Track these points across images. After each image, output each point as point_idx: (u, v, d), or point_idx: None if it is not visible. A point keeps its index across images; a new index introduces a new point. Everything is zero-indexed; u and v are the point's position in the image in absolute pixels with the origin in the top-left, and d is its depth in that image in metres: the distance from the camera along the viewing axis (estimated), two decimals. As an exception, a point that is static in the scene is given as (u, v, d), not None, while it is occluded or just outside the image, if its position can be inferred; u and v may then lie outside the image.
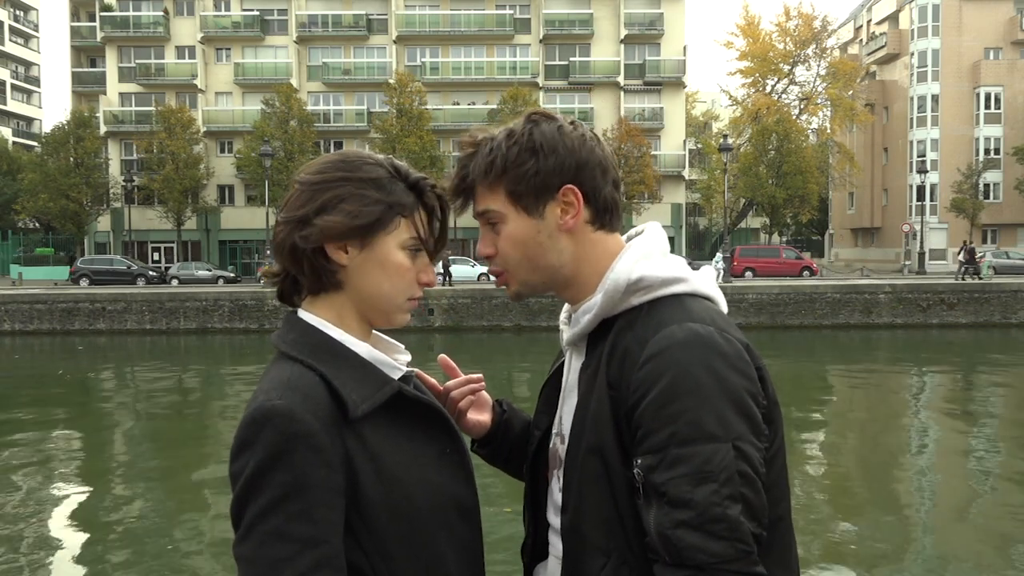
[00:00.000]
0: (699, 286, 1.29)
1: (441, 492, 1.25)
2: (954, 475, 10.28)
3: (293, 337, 1.26)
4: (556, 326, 1.50)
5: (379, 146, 39.76)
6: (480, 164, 1.31)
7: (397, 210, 1.26)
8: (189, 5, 46.54)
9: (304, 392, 1.16)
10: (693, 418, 1.11)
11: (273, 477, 1.11)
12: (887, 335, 26.96)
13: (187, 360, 23.21)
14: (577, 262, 1.33)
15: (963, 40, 49.77)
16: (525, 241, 1.31)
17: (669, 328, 1.18)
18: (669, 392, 1.13)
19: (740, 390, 1.15)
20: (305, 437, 1.12)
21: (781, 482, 1.24)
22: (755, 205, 45.75)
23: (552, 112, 1.34)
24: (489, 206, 1.31)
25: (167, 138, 40.98)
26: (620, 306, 1.27)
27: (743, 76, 45.60)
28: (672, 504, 1.11)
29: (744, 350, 1.19)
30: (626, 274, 1.26)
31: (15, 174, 49.90)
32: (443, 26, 46.10)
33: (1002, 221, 48.86)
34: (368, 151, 1.33)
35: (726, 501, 1.10)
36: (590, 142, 1.31)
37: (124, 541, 7.80)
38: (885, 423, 13.55)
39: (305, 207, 1.24)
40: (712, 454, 1.10)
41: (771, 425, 1.20)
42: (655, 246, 1.32)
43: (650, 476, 1.14)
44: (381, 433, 1.21)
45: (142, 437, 13.05)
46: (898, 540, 7.62)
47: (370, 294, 1.27)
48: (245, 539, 1.11)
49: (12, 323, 28.18)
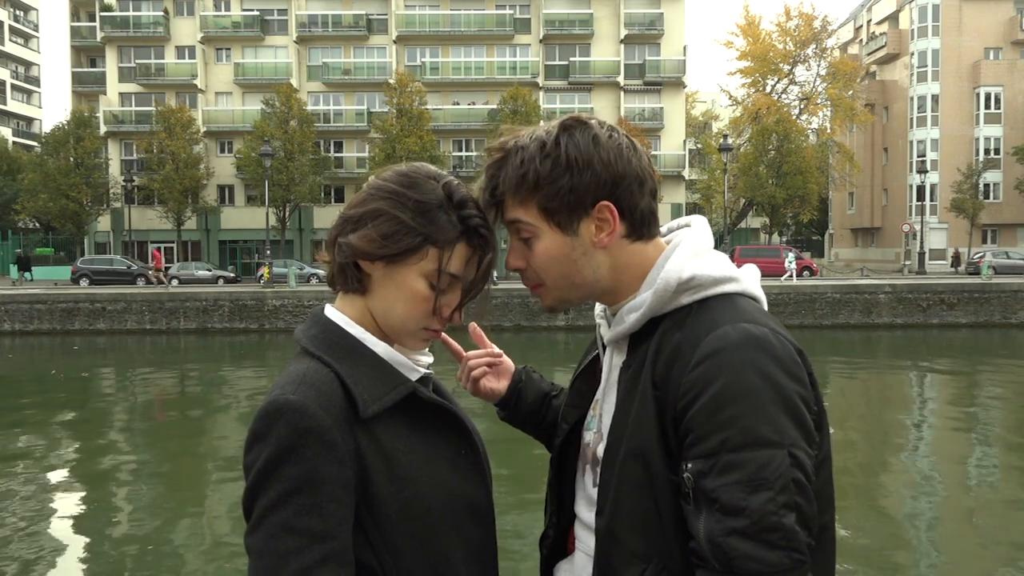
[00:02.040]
0: (748, 286, 1.26)
1: (454, 493, 1.26)
2: (954, 475, 10.28)
3: (314, 333, 1.27)
4: (556, 326, 1.48)
5: (379, 146, 39.79)
6: (511, 177, 1.25)
7: (431, 242, 1.25)
8: (189, 5, 46.54)
9: (319, 388, 1.17)
10: (747, 424, 1.08)
11: (284, 470, 1.12)
12: (887, 335, 26.96)
13: (186, 359, 23.22)
14: (615, 274, 1.29)
15: (963, 40, 49.78)
16: (559, 258, 1.27)
17: (723, 328, 1.15)
18: (722, 396, 1.10)
19: (794, 395, 1.12)
20: (317, 432, 1.13)
21: (827, 490, 1.21)
22: (755, 205, 45.74)
23: (587, 118, 1.28)
24: (520, 217, 1.27)
25: (167, 138, 40.98)
26: (669, 305, 1.23)
27: (743, 76, 45.58)
28: (724, 511, 1.08)
29: (796, 354, 1.16)
30: (677, 272, 1.23)
31: (15, 174, 49.93)
32: (443, 26, 46.09)
33: (1002, 221, 48.87)
34: (436, 169, 1.32)
35: (782, 510, 1.07)
36: (627, 152, 1.26)
37: (123, 541, 7.80)
38: (885, 423, 13.54)
39: (354, 209, 1.28)
40: (768, 460, 1.07)
41: (819, 431, 1.17)
42: (704, 242, 1.29)
43: (701, 482, 1.10)
44: (395, 432, 1.22)
45: (134, 437, 13.05)
46: (898, 540, 7.61)
47: (383, 311, 1.28)
48: (255, 530, 1.13)
49: (12, 323, 28.18)
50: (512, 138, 1.28)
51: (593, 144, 1.23)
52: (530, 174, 1.24)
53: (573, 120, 1.27)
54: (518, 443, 3.17)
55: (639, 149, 1.28)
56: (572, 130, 1.25)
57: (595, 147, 1.23)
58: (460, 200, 1.27)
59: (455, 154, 45.30)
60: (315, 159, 42.15)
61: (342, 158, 45.69)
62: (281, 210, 41.68)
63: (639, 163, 1.27)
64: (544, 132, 1.26)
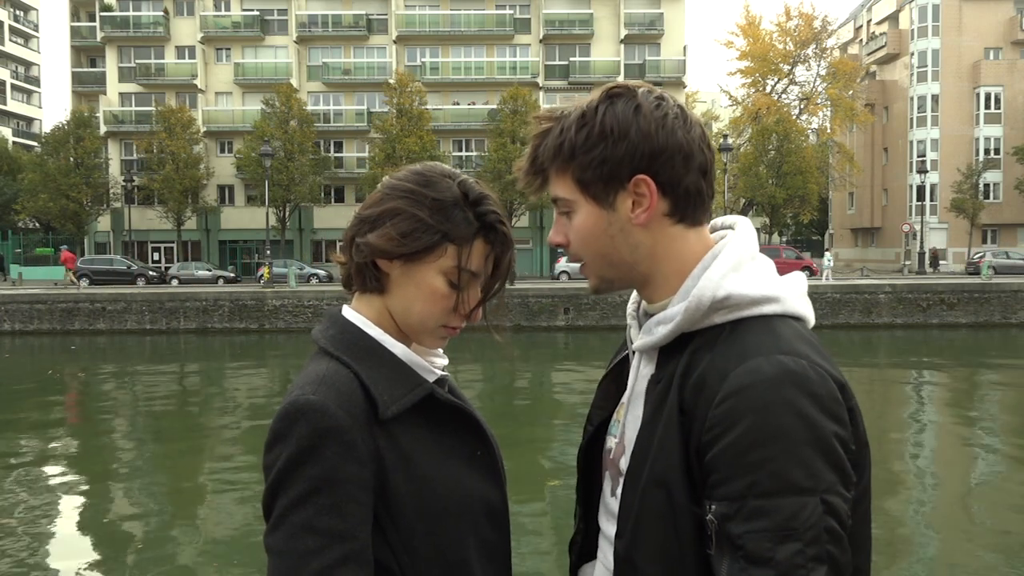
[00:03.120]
0: (791, 305, 1.15)
1: (470, 494, 1.26)
2: (955, 475, 10.29)
3: (332, 334, 1.27)
4: (555, 326, 1.46)
5: (379, 146, 39.79)
6: (550, 146, 1.20)
7: (448, 239, 1.25)
8: (189, 5, 46.53)
9: (338, 388, 1.18)
10: (778, 468, 1.00)
11: (304, 470, 1.12)
12: (887, 335, 26.96)
13: (186, 359, 23.22)
14: (654, 259, 1.20)
15: (963, 40, 49.78)
16: (597, 234, 1.20)
17: (755, 360, 1.05)
18: (751, 437, 1.02)
19: (830, 437, 1.03)
20: (337, 433, 1.14)
21: (864, 530, 1.13)
22: (755, 205, 45.74)
23: (635, 85, 1.19)
24: (559, 193, 1.22)
25: (167, 138, 40.98)
26: (701, 323, 1.14)
27: (743, 76, 45.57)
28: (750, 560, 1.00)
29: (837, 389, 1.07)
30: (712, 290, 1.13)
31: (15, 174, 49.90)
32: (443, 26, 46.09)
33: (1002, 221, 48.87)
34: (450, 168, 1.32)
35: (811, 563, 0.99)
36: (673, 123, 1.16)
37: (122, 541, 7.80)
38: (885, 423, 13.53)
39: (370, 209, 1.27)
40: (799, 509, 0.99)
41: (857, 469, 1.08)
42: (746, 252, 1.18)
43: (726, 525, 1.03)
44: (413, 433, 1.23)
45: (127, 437, 13.05)
46: (898, 540, 7.61)
47: (402, 309, 1.28)
48: (275, 530, 1.13)
49: (12, 323, 28.18)
50: (562, 107, 1.23)
51: (634, 113, 1.15)
52: (566, 144, 1.18)
53: (620, 88, 1.20)
54: (520, 447, 3.16)
55: (691, 121, 1.18)
56: (615, 99, 1.18)
57: (635, 116, 1.15)
58: (476, 197, 1.27)
59: (455, 154, 45.30)
60: (315, 159, 42.15)
61: (342, 158, 45.69)
62: (281, 210, 41.68)
63: (687, 135, 1.16)
64: (589, 100, 1.20)
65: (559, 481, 9.33)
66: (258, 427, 13.61)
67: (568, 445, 11.63)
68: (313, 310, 28.22)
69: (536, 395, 17.12)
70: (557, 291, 28.48)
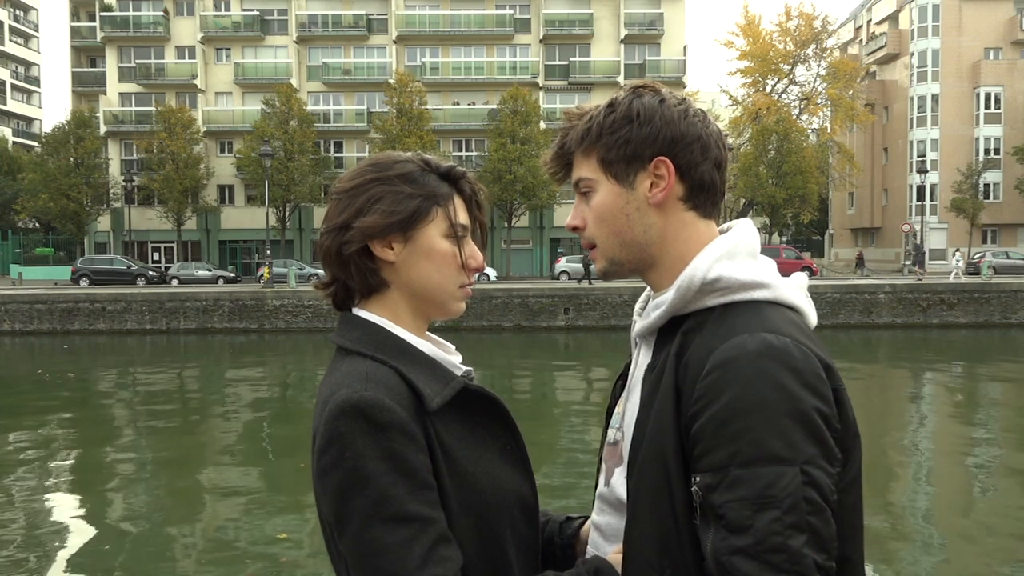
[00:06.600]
0: (783, 294, 1.19)
1: (505, 488, 1.27)
2: (955, 475, 10.29)
3: (357, 335, 1.27)
4: (556, 326, 1.47)
5: (379, 146, 39.77)
6: (578, 131, 1.27)
7: (433, 200, 1.29)
8: (189, 5, 46.54)
9: (386, 384, 1.18)
10: (757, 437, 1.03)
11: (376, 466, 1.12)
12: (887, 335, 26.96)
13: (186, 359, 23.21)
14: (664, 242, 1.25)
15: (963, 40, 49.78)
16: (614, 212, 1.25)
17: (740, 337, 1.09)
18: (732, 408, 1.05)
19: (811, 410, 1.05)
20: (399, 425, 1.15)
21: (854, 519, 1.14)
22: (755, 205, 45.74)
23: (660, 86, 1.28)
24: (582, 174, 1.28)
25: (167, 138, 40.99)
26: (692, 305, 1.18)
27: (743, 76, 45.55)
28: (730, 529, 1.03)
29: (822, 367, 1.09)
30: (703, 272, 1.17)
31: (15, 174, 49.93)
32: (443, 26, 46.10)
33: (1002, 221, 48.88)
34: (397, 151, 1.36)
35: (788, 530, 1.01)
36: (694, 117, 1.24)
37: (122, 541, 7.80)
38: (885, 423, 13.54)
39: (343, 213, 1.28)
40: (776, 478, 1.02)
41: (846, 454, 1.10)
42: (741, 244, 1.22)
43: (708, 496, 1.06)
44: (450, 428, 1.23)
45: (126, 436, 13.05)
46: (898, 540, 7.62)
47: (423, 286, 1.30)
48: (365, 529, 1.12)
49: (12, 323, 28.19)
50: (591, 105, 1.31)
51: (659, 104, 1.23)
52: (594, 127, 1.25)
53: (646, 86, 1.28)
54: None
55: (710, 119, 1.26)
56: (642, 93, 1.26)
57: (660, 106, 1.23)
58: (434, 162, 1.33)
59: (455, 154, 45.27)
60: (315, 159, 42.16)
61: (342, 158, 45.68)
62: (281, 210, 41.69)
63: (706, 129, 1.24)
64: (615, 95, 1.28)
65: (559, 481, 9.34)
66: (258, 427, 13.62)
67: (568, 445, 11.63)
68: (313, 310, 28.21)
69: (534, 395, 17.14)
70: (557, 291, 28.44)
